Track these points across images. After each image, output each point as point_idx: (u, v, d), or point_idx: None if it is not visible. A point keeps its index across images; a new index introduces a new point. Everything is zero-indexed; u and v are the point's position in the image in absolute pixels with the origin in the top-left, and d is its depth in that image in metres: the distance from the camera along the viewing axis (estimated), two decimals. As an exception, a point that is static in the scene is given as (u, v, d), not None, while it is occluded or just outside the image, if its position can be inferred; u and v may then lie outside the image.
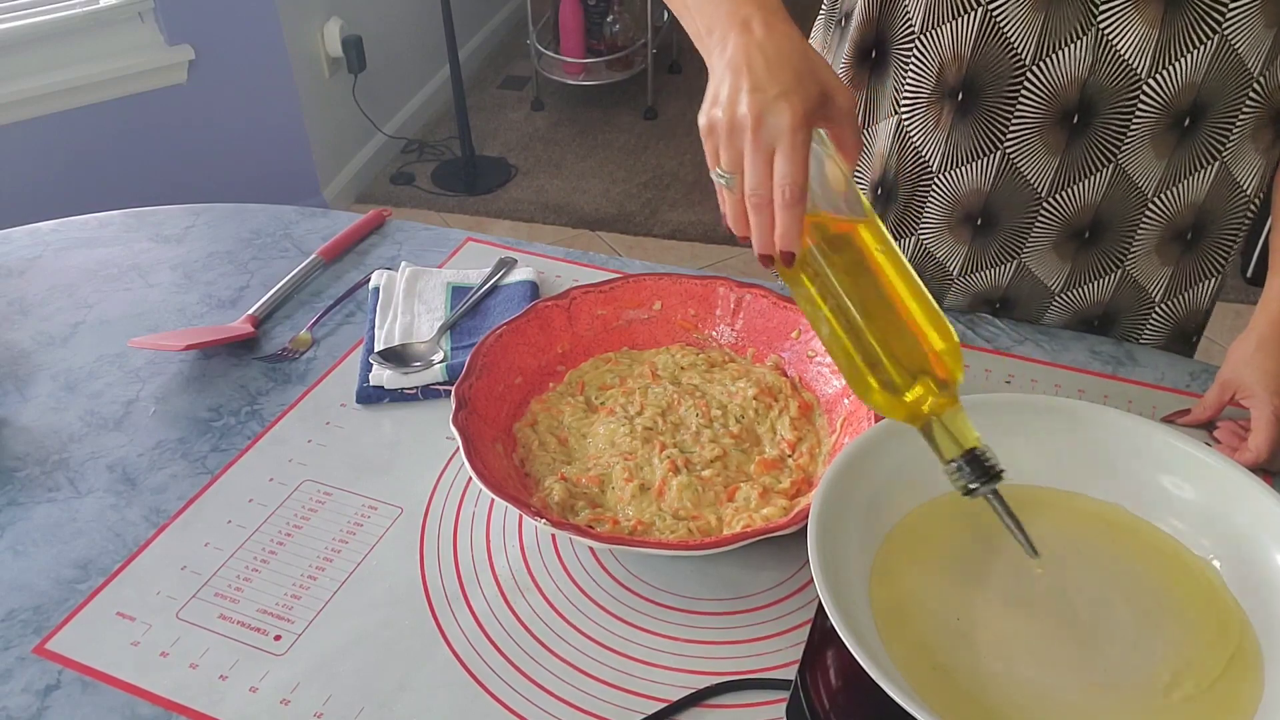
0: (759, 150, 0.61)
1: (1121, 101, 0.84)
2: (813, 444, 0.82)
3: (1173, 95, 0.83)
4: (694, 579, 0.75)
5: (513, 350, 0.87)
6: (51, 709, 0.68)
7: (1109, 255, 0.95)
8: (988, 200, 0.92)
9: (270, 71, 2.62)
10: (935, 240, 0.97)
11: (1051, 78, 0.84)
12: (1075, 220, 0.92)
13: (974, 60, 0.85)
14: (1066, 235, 0.93)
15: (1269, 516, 0.64)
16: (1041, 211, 0.91)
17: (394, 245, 1.13)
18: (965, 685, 0.59)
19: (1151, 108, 0.84)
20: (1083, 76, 0.83)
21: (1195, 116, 0.85)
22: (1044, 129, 0.87)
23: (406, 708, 0.67)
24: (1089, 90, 0.84)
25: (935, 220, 0.96)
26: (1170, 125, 0.85)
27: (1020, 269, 0.96)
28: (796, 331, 0.88)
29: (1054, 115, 0.86)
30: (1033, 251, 0.95)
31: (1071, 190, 0.90)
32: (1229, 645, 0.61)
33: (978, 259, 0.97)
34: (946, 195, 0.94)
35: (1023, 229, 0.93)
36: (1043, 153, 0.88)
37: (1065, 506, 0.70)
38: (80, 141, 2.43)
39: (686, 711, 0.67)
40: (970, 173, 0.91)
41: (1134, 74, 0.82)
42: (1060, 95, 0.84)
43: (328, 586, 0.75)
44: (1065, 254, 0.95)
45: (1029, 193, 0.91)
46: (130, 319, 1.03)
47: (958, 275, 0.99)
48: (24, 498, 0.83)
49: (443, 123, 3.32)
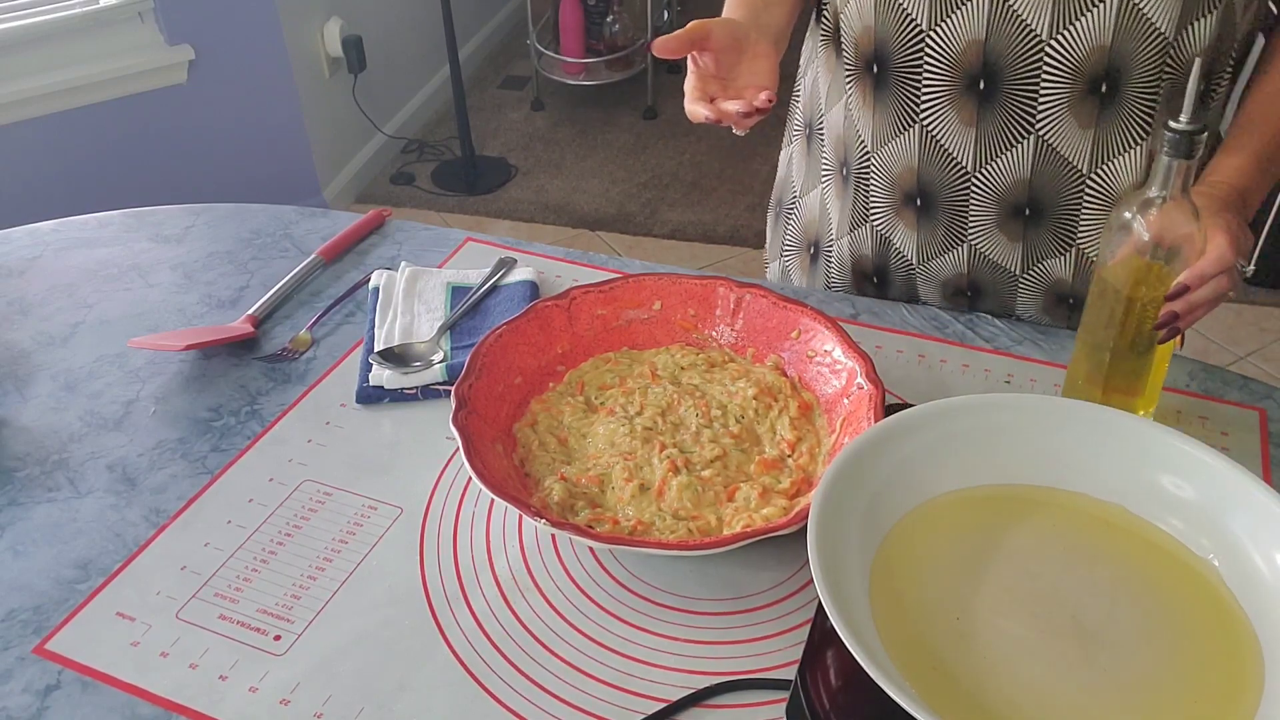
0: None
1: (1025, 65, 0.85)
2: (812, 444, 0.82)
3: (1080, 58, 0.83)
4: (694, 579, 0.75)
5: (513, 350, 0.87)
6: (51, 709, 0.68)
7: (1058, 236, 0.95)
8: (919, 178, 0.94)
9: (270, 71, 2.62)
10: (887, 226, 1.00)
11: (950, 41, 0.85)
12: (1009, 197, 0.93)
13: (878, 30, 0.88)
14: (1007, 214, 0.94)
15: (1269, 516, 0.64)
16: (972, 188, 0.93)
17: (394, 245, 1.13)
18: (965, 685, 0.59)
19: (1059, 72, 0.84)
20: (980, 38, 0.84)
21: (1112, 83, 0.84)
22: (954, 98, 0.88)
23: (406, 708, 0.67)
24: (990, 54, 0.85)
25: (882, 204, 0.99)
26: (1086, 92, 0.85)
27: (974, 254, 0.98)
28: (796, 331, 0.88)
29: (960, 82, 0.87)
30: (978, 232, 0.96)
31: (997, 164, 0.91)
32: (1229, 645, 0.61)
33: (929, 244, 0.99)
34: (884, 175, 0.96)
35: (960, 207, 0.95)
36: (958, 123, 0.90)
37: (1065, 506, 0.70)
38: (80, 141, 2.43)
39: (686, 711, 0.67)
40: (897, 149, 0.94)
41: (1034, 34, 0.83)
42: (962, 60, 0.86)
43: (328, 586, 0.75)
44: (1013, 234, 0.95)
45: (955, 168, 0.92)
46: (130, 319, 1.03)
47: (918, 263, 1.01)
48: (24, 498, 0.83)
49: (443, 123, 3.32)
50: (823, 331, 0.86)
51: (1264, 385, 0.89)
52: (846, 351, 0.83)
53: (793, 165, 1.11)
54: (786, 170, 1.13)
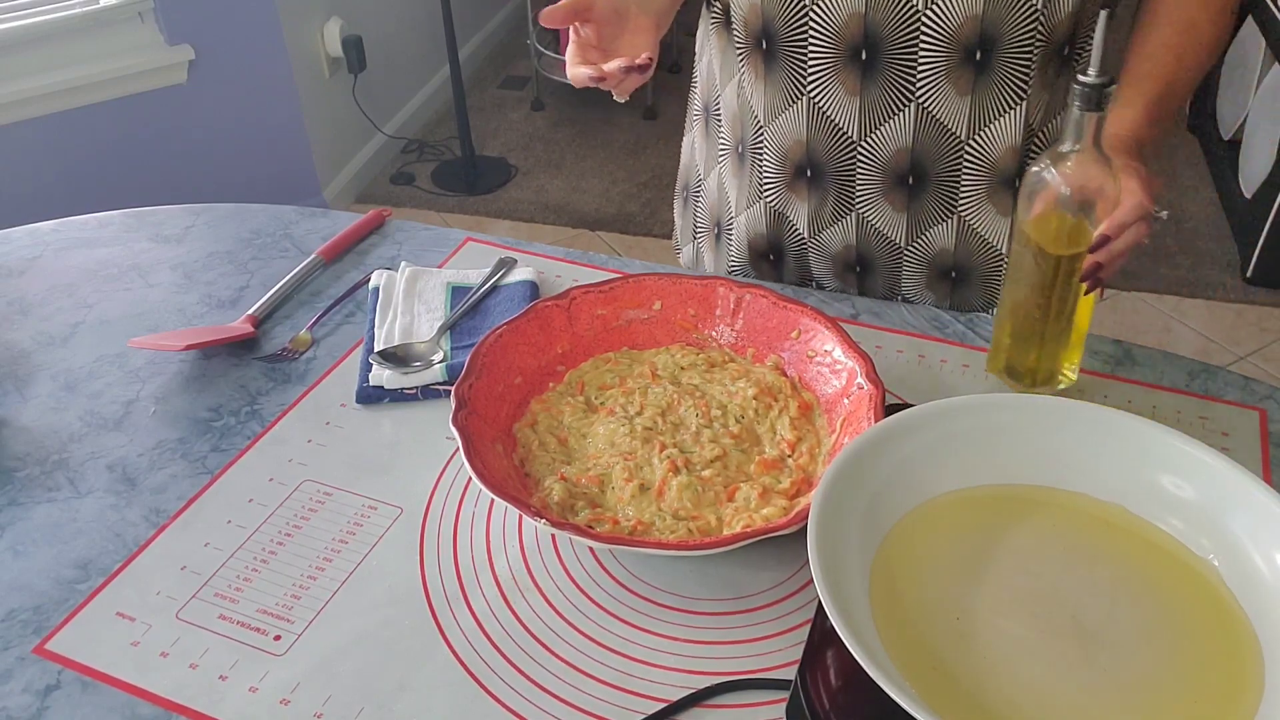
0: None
1: (904, 35, 0.89)
2: (812, 444, 0.82)
3: (955, 27, 0.87)
4: (694, 579, 0.75)
5: (513, 350, 0.87)
6: (51, 709, 0.68)
7: (940, 202, 0.99)
8: (808, 149, 0.98)
9: (270, 71, 2.62)
10: (780, 201, 1.04)
11: (832, 14, 0.89)
12: (893, 164, 0.96)
13: (764, 7, 0.92)
14: (892, 182, 0.98)
15: (1269, 516, 0.64)
16: (859, 157, 0.97)
17: (394, 245, 1.13)
18: (965, 685, 0.59)
19: (935, 41, 0.88)
20: (860, 11, 0.88)
21: (985, 50, 0.89)
22: (838, 69, 0.92)
23: (406, 708, 0.67)
24: (870, 25, 0.89)
25: (775, 178, 1.02)
26: (962, 60, 0.89)
27: (862, 223, 1.01)
28: (796, 331, 0.88)
29: (844, 54, 0.91)
30: (865, 201, 1.00)
31: (880, 132, 0.95)
32: (1229, 645, 0.61)
33: (820, 214, 1.02)
34: (776, 149, 1.00)
35: (848, 177, 0.98)
36: (842, 94, 0.93)
37: (1065, 506, 0.70)
38: (80, 141, 2.43)
39: (686, 711, 0.67)
40: (787, 121, 0.97)
41: (910, 5, 0.87)
42: (844, 32, 0.90)
43: (328, 586, 0.75)
44: (898, 204, 0.99)
45: (841, 137, 0.96)
46: (130, 319, 1.03)
47: (809, 235, 1.04)
48: (24, 498, 0.83)
49: (443, 123, 3.32)
50: (823, 331, 0.86)
51: (1264, 385, 0.89)
52: (846, 351, 0.83)
53: (695, 150, 1.16)
54: (690, 155, 1.17)
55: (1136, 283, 2.56)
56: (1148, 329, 2.42)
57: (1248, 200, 2.63)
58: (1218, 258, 2.64)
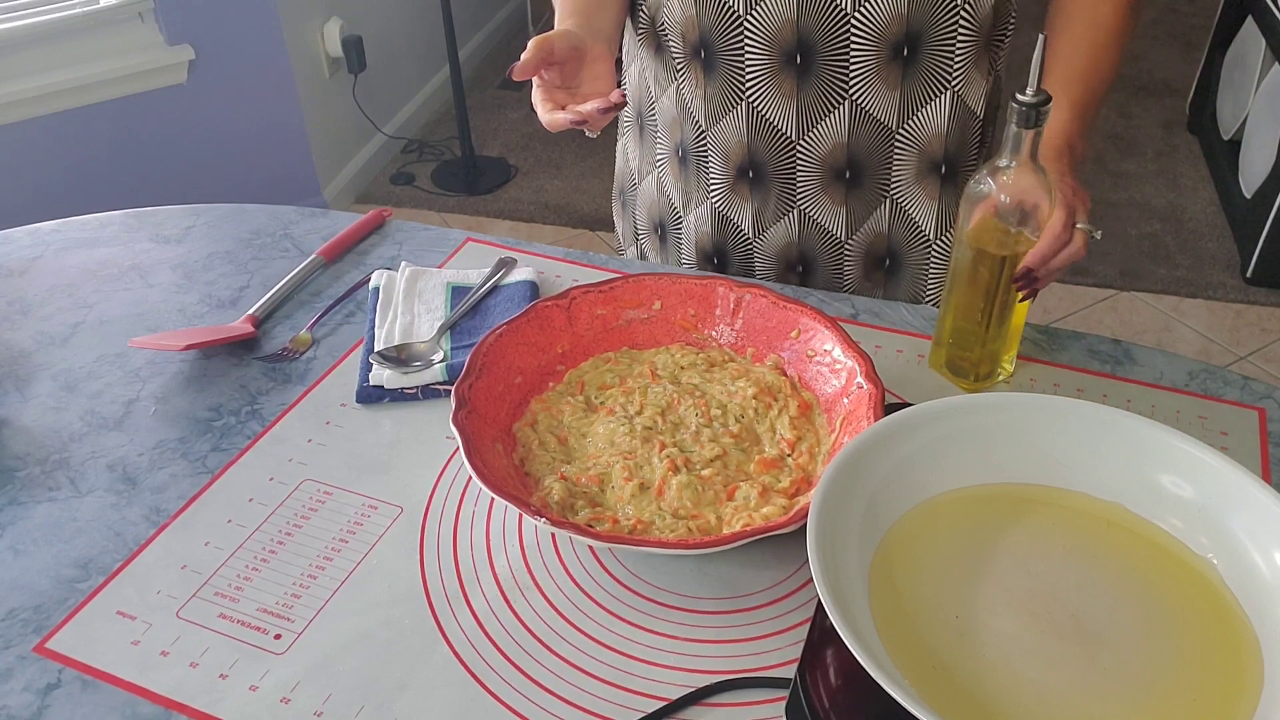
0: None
1: (835, 38, 0.92)
2: (812, 443, 0.82)
3: (883, 26, 0.91)
4: (694, 578, 0.75)
5: (513, 350, 0.87)
6: (52, 708, 0.68)
7: (874, 189, 1.03)
8: (749, 150, 1.01)
9: (270, 72, 2.62)
10: (724, 203, 1.07)
11: (766, 23, 0.93)
12: (831, 161, 1.01)
13: (700, 20, 0.95)
14: (831, 177, 1.02)
15: (1268, 516, 0.64)
16: (798, 156, 1.01)
17: (394, 245, 1.13)
18: (965, 685, 0.59)
19: (865, 42, 0.92)
20: (793, 18, 0.92)
21: (912, 45, 0.93)
22: (774, 74, 0.96)
23: (406, 707, 0.67)
24: (803, 31, 0.92)
25: (719, 180, 1.05)
26: (891, 57, 0.94)
27: (804, 220, 1.05)
28: (796, 331, 0.88)
29: (779, 59, 0.95)
30: (806, 197, 1.04)
31: (817, 131, 0.99)
32: (1229, 644, 0.61)
33: (763, 213, 1.06)
34: (719, 152, 1.03)
35: (788, 175, 1.02)
36: (780, 97, 0.97)
37: (1065, 506, 0.70)
38: (80, 141, 2.44)
39: (686, 710, 0.67)
40: (728, 125, 1.01)
41: (839, 9, 0.91)
42: (778, 39, 0.93)
43: (328, 586, 0.75)
44: (837, 198, 1.03)
45: (780, 138, 1.00)
46: (130, 319, 1.03)
47: (754, 235, 1.08)
48: (24, 497, 0.84)
49: (443, 123, 3.32)
50: (822, 331, 0.86)
51: (1264, 385, 0.89)
52: (846, 351, 0.84)
53: (629, 155, 1.18)
54: (624, 161, 1.20)
55: (1136, 283, 2.56)
56: (1148, 329, 2.42)
57: (1248, 200, 2.63)
58: (1218, 258, 2.64)
